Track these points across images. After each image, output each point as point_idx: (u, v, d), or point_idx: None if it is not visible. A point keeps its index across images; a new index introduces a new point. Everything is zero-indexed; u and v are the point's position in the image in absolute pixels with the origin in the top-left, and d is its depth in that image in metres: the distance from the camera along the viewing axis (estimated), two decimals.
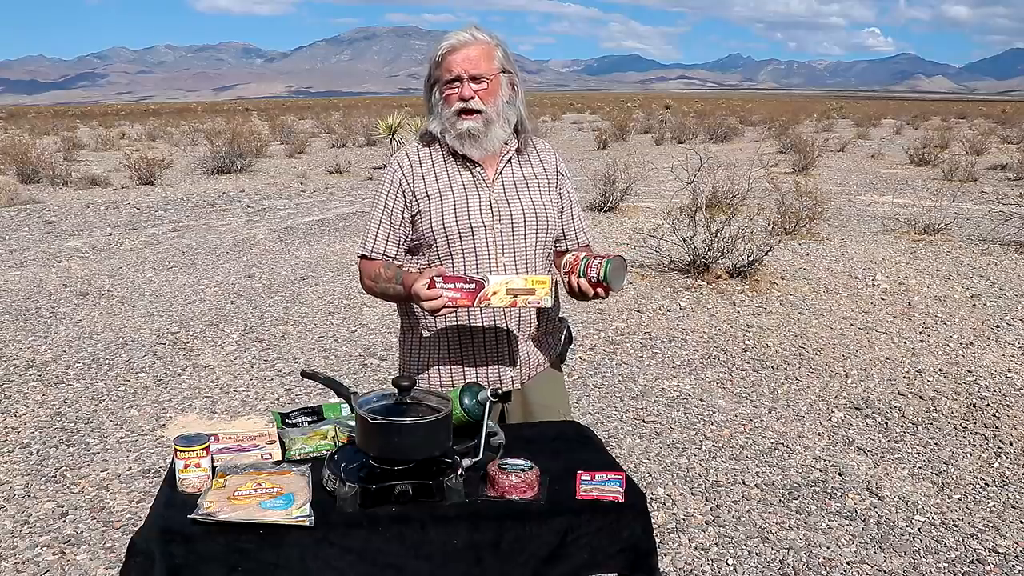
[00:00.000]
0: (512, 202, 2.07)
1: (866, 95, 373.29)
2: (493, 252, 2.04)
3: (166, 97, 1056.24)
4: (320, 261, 8.31)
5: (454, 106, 2.00)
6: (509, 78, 2.06)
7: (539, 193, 2.12)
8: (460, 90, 1.99)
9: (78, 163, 18.88)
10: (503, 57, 2.04)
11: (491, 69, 2.01)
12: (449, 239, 2.03)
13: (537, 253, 2.10)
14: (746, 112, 48.73)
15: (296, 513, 1.56)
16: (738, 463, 3.86)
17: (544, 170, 2.16)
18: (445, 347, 2.13)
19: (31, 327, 6.01)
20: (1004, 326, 6.07)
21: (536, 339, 2.16)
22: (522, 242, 2.07)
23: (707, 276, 7.28)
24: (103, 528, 3.24)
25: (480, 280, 1.85)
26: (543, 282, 1.86)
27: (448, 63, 1.99)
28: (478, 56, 1.99)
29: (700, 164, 8.32)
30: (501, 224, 2.05)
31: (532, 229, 2.08)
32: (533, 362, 2.16)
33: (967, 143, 22.34)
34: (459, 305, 1.85)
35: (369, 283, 2.11)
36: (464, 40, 2.00)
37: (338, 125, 32.94)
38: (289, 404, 4.49)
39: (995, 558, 3.09)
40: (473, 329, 2.09)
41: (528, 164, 2.15)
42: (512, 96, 2.07)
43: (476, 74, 1.99)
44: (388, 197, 2.09)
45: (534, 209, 2.08)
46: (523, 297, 1.85)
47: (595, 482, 1.75)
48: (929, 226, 9.65)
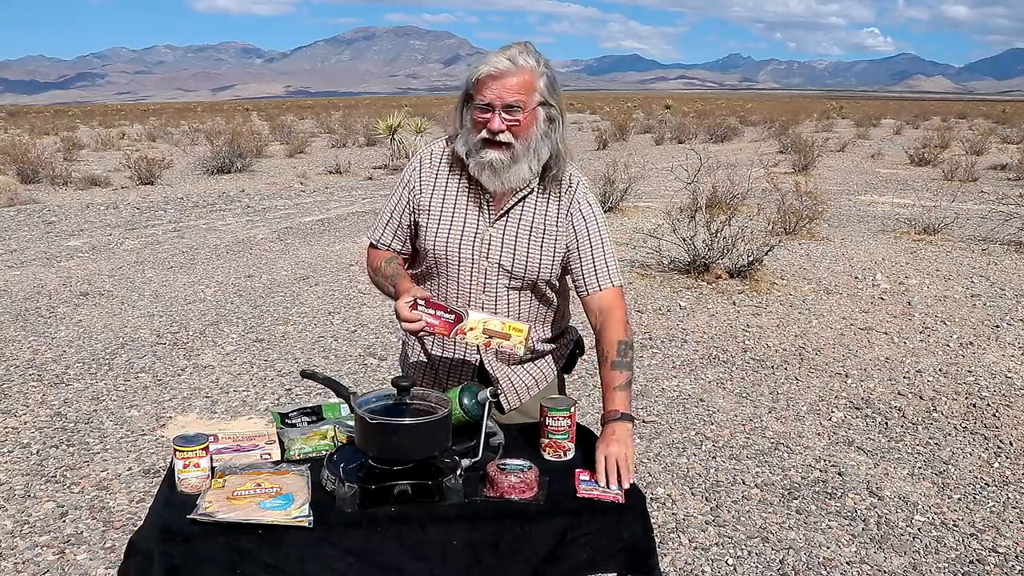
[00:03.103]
0: (506, 245, 1.97)
1: (866, 95, 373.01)
2: (475, 288, 1.99)
3: (165, 97, 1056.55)
4: (320, 261, 8.31)
5: (481, 134, 1.87)
6: (548, 111, 1.89)
7: (540, 243, 1.97)
8: (490, 121, 1.84)
9: (78, 163, 18.87)
10: (546, 88, 1.88)
11: (529, 101, 1.85)
12: (437, 260, 2.00)
13: (521, 303, 2.02)
14: (746, 112, 48.74)
15: (295, 513, 1.56)
16: (738, 463, 3.86)
17: (558, 212, 1.98)
18: (422, 373, 2.14)
19: (31, 327, 6.01)
20: (1004, 326, 6.07)
21: (522, 365, 2.12)
22: (504, 287, 2.00)
23: (707, 276, 7.28)
24: (103, 528, 3.24)
25: (460, 313, 1.83)
26: (520, 330, 1.84)
27: (483, 88, 1.84)
28: (516, 87, 1.83)
29: (700, 164, 8.32)
30: (488, 263, 1.98)
31: (517, 278, 1.99)
32: (521, 387, 2.12)
33: (967, 143, 22.34)
34: (435, 332, 1.84)
35: (371, 272, 2.11)
36: (504, 69, 1.82)
37: (338, 125, 32.92)
38: (289, 404, 4.49)
39: (995, 558, 3.09)
40: (441, 363, 2.09)
41: (544, 204, 1.98)
42: (548, 130, 1.90)
43: (511, 103, 1.83)
44: (401, 193, 2.05)
45: (526, 259, 1.97)
46: (497, 340, 1.83)
47: (593, 481, 1.75)
48: (929, 226, 9.64)
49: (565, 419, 1.85)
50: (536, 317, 2.08)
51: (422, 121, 21.70)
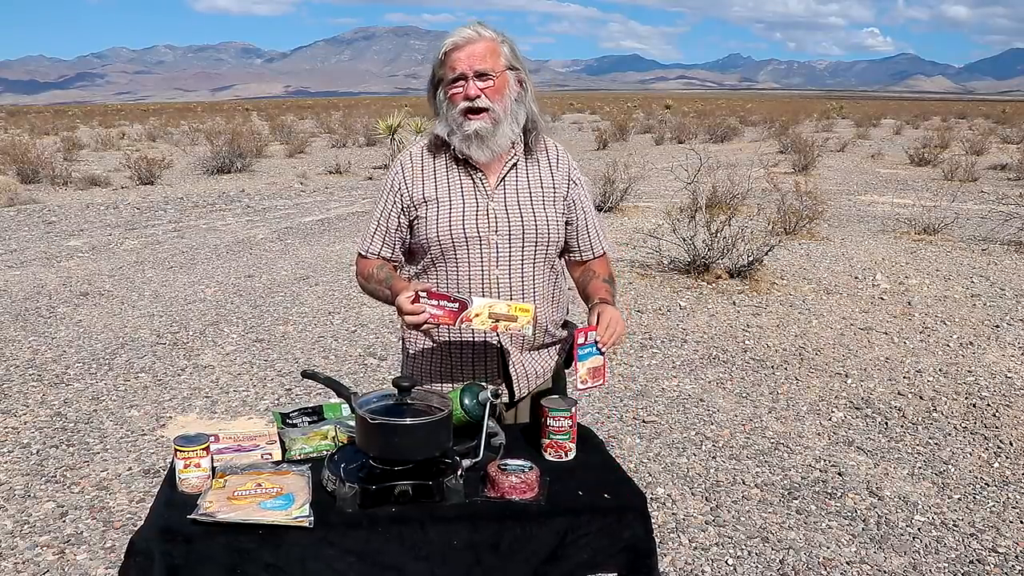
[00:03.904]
0: (512, 212, 2.00)
1: (866, 95, 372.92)
2: (487, 264, 1.99)
3: (165, 97, 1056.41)
4: (320, 261, 8.31)
5: (460, 105, 1.92)
6: (517, 75, 1.98)
7: (542, 203, 2.03)
8: (465, 88, 1.91)
9: (78, 163, 18.87)
10: (509, 53, 1.97)
11: (497, 66, 1.93)
12: (443, 248, 1.99)
13: (536, 267, 2.03)
14: (746, 112, 48.74)
15: (296, 513, 1.56)
16: (738, 463, 3.86)
17: (552, 177, 2.06)
18: (436, 363, 2.11)
19: (31, 327, 6.01)
20: (1004, 326, 6.07)
21: (534, 352, 2.11)
22: (519, 255, 2.01)
23: (707, 276, 7.28)
24: (103, 528, 3.24)
25: (464, 300, 1.83)
26: (526, 310, 1.84)
27: (452, 61, 1.92)
28: (483, 53, 1.92)
29: (700, 164, 8.33)
30: (498, 236, 1.99)
31: (531, 242, 2.01)
32: (532, 374, 2.10)
33: (967, 143, 22.34)
34: (440, 323, 1.84)
35: (362, 281, 2.11)
36: (468, 37, 1.92)
37: (338, 125, 32.93)
38: (289, 404, 4.49)
39: (995, 558, 3.09)
40: (464, 348, 2.06)
41: (535, 168, 2.06)
42: (521, 93, 1.99)
43: (481, 70, 1.91)
44: (387, 199, 2.06)
45: (534, 220, 2.01)
46: (504, 323, 1.84)
47: (592, 345, 1.90)
48: (929, 226, 9.64)
49: (566, 419, 1.85)
50: (545, 294, 2.08)
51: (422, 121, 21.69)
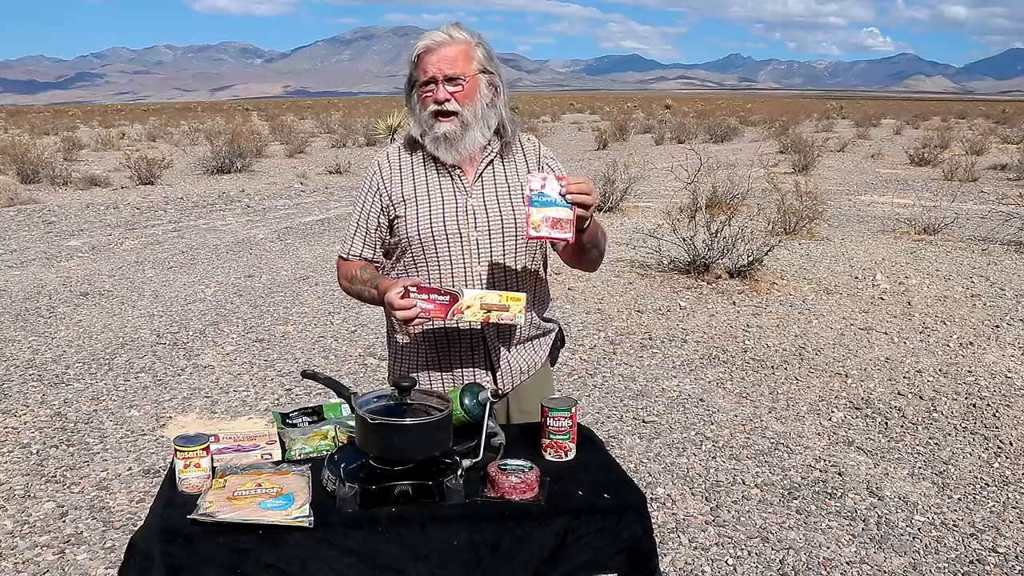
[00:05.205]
0: (491, 208, 2.01)
1: (866, 95, 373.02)
2: (469, 260, 2.00)
3: (165, 97, 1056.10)
4: (320, 261, 8.31)
5: (429, 108, 1.94)
6: (489, 79, 1.98)
7: (520, 197, 2.01)
8: (435, 92, 1.93)
9: (78, 163, 18.87)
10: (483, 57, 1.97)
11: (468, 70, 1.94)
12: (424, 246, 2.00)
13: (516, 261, 2.04)
14: (746, 112, 48.74)
15: (296, 513, 1.56)
16: (738, 463, 3.86)
17: (528, 169, 2.07)
18: (423, 354, 2.10)
19: (31, 327, 6.01)
20: (1004, 326, 6.07)
21: (519, 346, 2.11)
22: (499, 250, 2.01)
23: (707, 276, 7.28)
24: (103, 528, 3.24)
25: (455, 293, 1.83)
26: (518, 299, 1.85)
27: (424, 64, 1.94)
28: (454, 56, 1.93)
29: (700, 164, 8.33)
30: (477, 232, 2.00)
31: (511, 236, 2.02)
32: (516, 369, 2.11)
33: (967, 143, 22.33)
34: (432, 317, 1.84)
35: (345, 283, 2.11)
36: (439, 40, 1.93)
37: (338, 125, 32.92)
38: (289, 404, 4.49)
39: (995, 558, 3.09)
40: (449, 337, 2.05)
41: (512, 166, 2.07)
42: (493, 98, 1.99)
43: (452, 75, 1.92)
44: (365, 200, 2.07)
45: (513, 215, 2.01)
46: (496, 313, 1.84)
47: (548, 194, 1.78)
48: (929, 226, 9.64)
49: (566, 419, 1.85)
50: (529, 286, 2.08)
51: None
